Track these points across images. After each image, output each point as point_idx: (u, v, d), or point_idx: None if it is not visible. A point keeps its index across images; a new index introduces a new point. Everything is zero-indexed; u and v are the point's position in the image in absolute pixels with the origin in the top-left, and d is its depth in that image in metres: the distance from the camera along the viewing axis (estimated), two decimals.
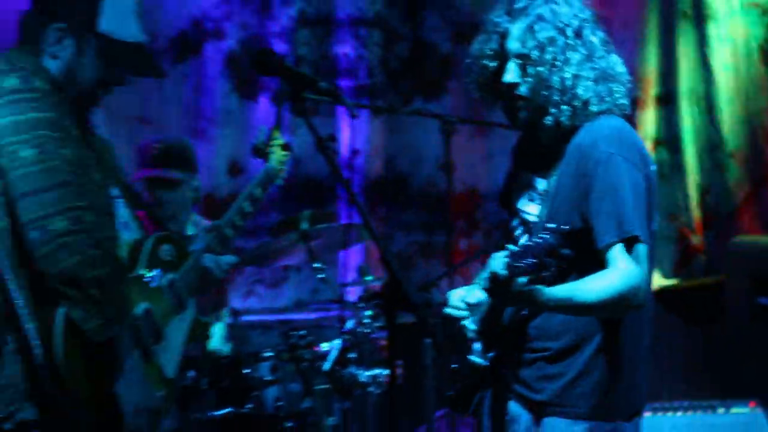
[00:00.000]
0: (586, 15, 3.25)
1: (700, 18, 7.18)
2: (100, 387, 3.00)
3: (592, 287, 3.06)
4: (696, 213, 7.23)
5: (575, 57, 3.17)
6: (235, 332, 4.85)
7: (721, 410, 5.71)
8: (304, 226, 5.22)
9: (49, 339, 2.89)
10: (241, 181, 6.83)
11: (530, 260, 2.83)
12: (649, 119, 7.25)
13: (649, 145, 7.22)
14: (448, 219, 6.04)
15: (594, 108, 3.19)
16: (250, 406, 4.75)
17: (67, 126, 3.03)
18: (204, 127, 6.75)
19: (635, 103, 7.14)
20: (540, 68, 3.16)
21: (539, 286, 2.97)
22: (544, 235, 2.85)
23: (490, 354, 3.27)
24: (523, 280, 2.91)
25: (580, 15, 3.22)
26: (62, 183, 2.87)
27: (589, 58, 3.19)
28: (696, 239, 7.22)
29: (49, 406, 2.98)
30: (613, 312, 3.15)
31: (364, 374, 5.18)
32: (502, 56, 3.24)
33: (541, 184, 3.30)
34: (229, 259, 3.46)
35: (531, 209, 3.29)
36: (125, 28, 3.14)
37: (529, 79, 3.19)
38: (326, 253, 5.45)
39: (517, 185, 3.40)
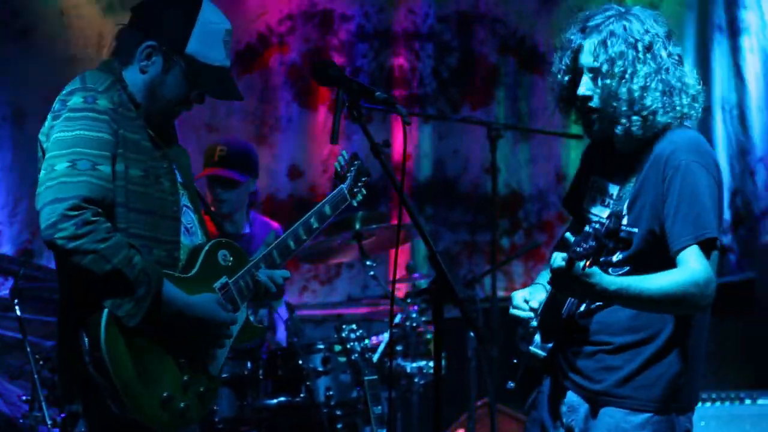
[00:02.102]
0: (657, 30, 3.15)
1: (733, 31, 7.14)
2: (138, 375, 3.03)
3: (657, 280, 2.96)
4: (726, 214, 7.19)
5: (644, 70, 3.08)
6: (290, 326, 4.78)
7: (748, 401, 5.59)
8: (357, 225, 5.13)
9: (96, 329, 2.96)
10: (300, 184, 6.81)
11: (590, 243, 2.75)
12: None
13: None
14: (492, 219, 5.95)
15: (661, 118, 3.11)
16: (302, 395, 4.70)
17: (133, 140, 3.11)
18: (267, 134, 6.75)
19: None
20: (609, 81, 3.09)
21: (599, 272, 2.87)
22: (603, 220, 2.77)
23: (549, 345, 3.14)
24: (582, 263, 2.81)
25: (652, 31, 3.13)
26: (75, 196, 2.92)
27: (657, 71, 3.10)
28: (726, 239, 7.17)
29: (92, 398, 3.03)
30: (676, 307, 3.04)
31: (411, 365, 5.13)
32: (576, 71, 3.17)
33: (614, 189, 3.21)
34: (282, 273, 3.35)
35: (604, 214, 3.15)
36: (212, 53, 3.16)
37: (599, 91, 3.12)
38: (377, 251, 5.37)
39: (589, 190, 3.30)
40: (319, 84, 3.21)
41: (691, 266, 2.97)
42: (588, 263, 2.79)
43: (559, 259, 2.85)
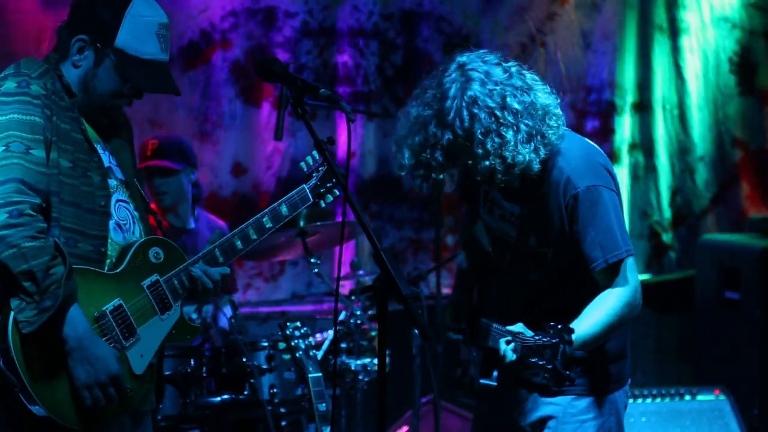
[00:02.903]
0: (497, 77, 3.16)
1: (674, 31, 7.24)
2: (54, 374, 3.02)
3: (596, 320, 3.15)
4: (667, 212, 7.28)
5: (509, 133, 3.12)
6: (234, 323, 4.76)
7: (687, 397, 5.68)
8: (302, 223, 5.14)
9: (5, 319, 2.97)
10: (244, 181, 6.78)
11: (541, 361, 2.98)
12: (626, 124, 7.27)
13: (624, 149, 7.26)
14: (437, 217, 5.98)
15: (541, 156, 3.16)
16: (246, 392, 4.69)
17: (65, 130, 3.10)
18: (210, 130, 6.71)
19: (613, 109, 7.19)
20: (486, 162, 3.12)
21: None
22: (555, 339, 2.97)
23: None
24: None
25: (497, 88, 3.15)
26: (12, 180, 2.92)
27: (517, 127, 3.13)
28: (667, 237, 7.27)
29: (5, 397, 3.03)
30: (622, 327, 3.27)
31: (355, 362, 5.13)
32: (448, 167, 3.20)
33: (514, 208, 3.31)
34: (220, 269, 3.30)
35: (500, 225, 3.34)
36: (144, 46, 3.15)
37: (480, 170, 3.15)
38: (322, 248, 5.37)
39: (483, 197, 3.41)
40: (263, 80, 3.21)
41: (616, 290, 3.19)
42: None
43: (509, 352, 3.04)
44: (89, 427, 3.08)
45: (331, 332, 5.19)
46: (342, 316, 5.24)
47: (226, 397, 4.69)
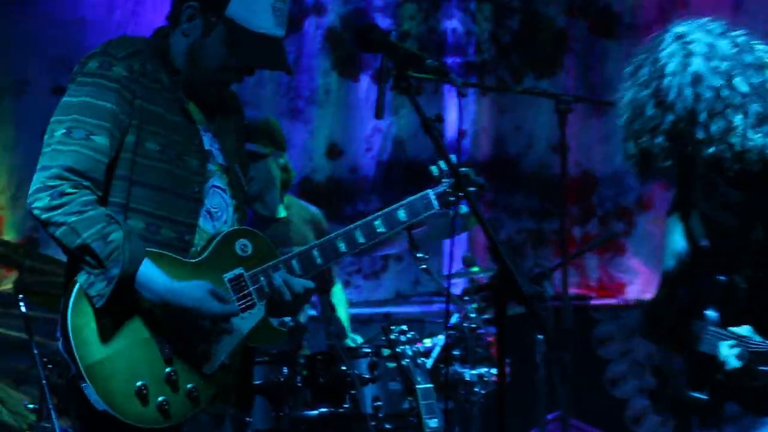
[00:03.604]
0: (727, 54, 3.12)
1: None
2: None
3: None
4: None
5: (736, 118, 3.08)
6: (331, 327, 4.79)
7: None
8: None
9: (65, 305, 3.14)
10: (340, 165, 6.81)
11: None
12: None
13: None
14: (561, 205, 5.91)
15: None
16: (346, 405, 4.69)
17: (155, 112, 3.24)
18: (302, 107, 6.77)
19: None
20: (710, 149, 3.09)
21: None
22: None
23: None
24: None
25: (723, 65, 3.11)
26: (56, 166, 3.11)
27: (745, 109, 3.09)
28: None
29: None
30: None
31: (470, 372, 5.10)
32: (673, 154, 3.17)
33: (734, 193, 3.25)
34: (304, 283, 3.31)
35: (720, 215, 3.29)
36: (255, 18, 3.24)
37: (704, 158, 3.13)
38: (430, 241, 5.35)
39: (700, 180, 3.33)
40: (361, 50, 3.21)
41: None
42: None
43: (733, 358, 3.03)
44: (158, 425, 3.15)
45: (441, 337, 5.17)
46: (454, 319, 5.21)
47: (323, 410, 4.69)
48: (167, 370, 3.17)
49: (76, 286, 3.11)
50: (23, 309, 4.64)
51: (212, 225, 3.32)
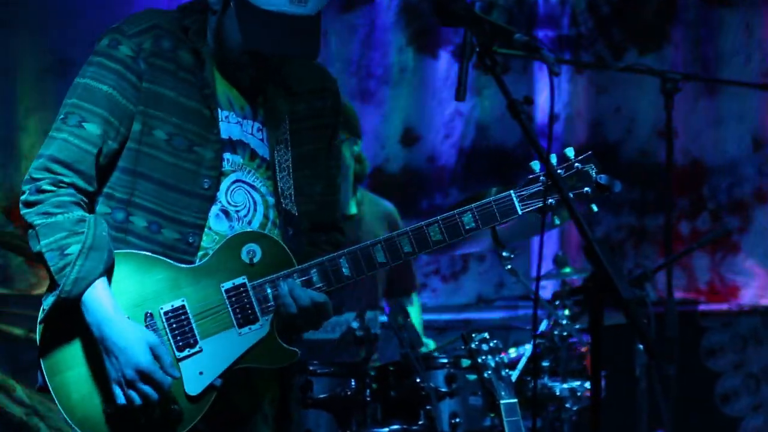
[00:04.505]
0: None
1: None
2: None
3: None
4: None
5: None
6: (405, 334, 4.80)
7: None
8: None
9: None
10: (417, 153, 6.82)
11: None
12: None
13: None
14: (667, 197, 5.87)
15: None
16: (421, 422, 4.70)
17: (167, 96, 3.24)
18: (373, 88, 6.80)
19: None
20: None
21: None
22: None
23: None
24: None
25: None
26: (43, 156, 3.18)
27: None
28: None
29: None
30: None
31: (561, 386, 5.10)
32: None
33: None
34: (313, 295, 3.24)
35: None
36: None
37: None
38: (516, 238, 5.34)
39: None
40: (441, 24, 3.20)
41: None
42: None
43: None
44: None
45: (528, 347, 5.17)
46: (543, 326, 5.21)
47: (395, 427, 4.71)
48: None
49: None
50: None
51: (229, 226, 3.29)
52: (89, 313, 3.12)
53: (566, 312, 5.25)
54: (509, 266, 5.08)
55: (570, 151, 3.32)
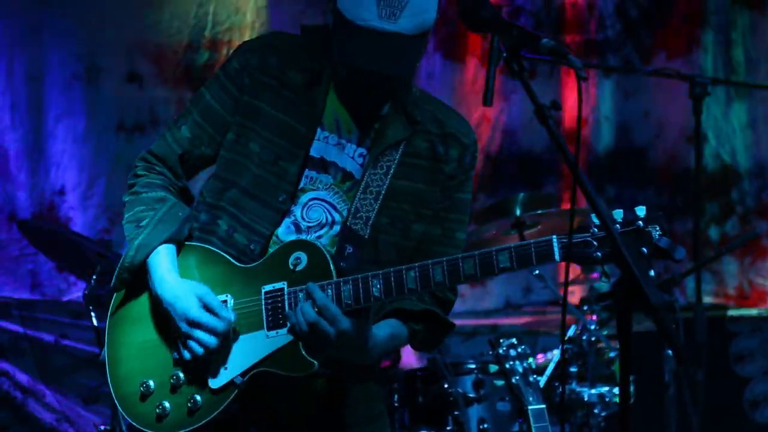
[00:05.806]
0: None
1: None
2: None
3: None
4: None
5: None
6: None
7: None
8: (518, 211, 5.16)
9: None
10: None
11: None
12: None
13: None
14: (696, 202, 5.87)
15: None
16: (449, 428, 4.73)
17: (264, 111, 3.33)
18: None
19: None
20: None
21: None
22: None
23: None
24: None
25: None
26: (148, 149, 3.45)
27: None
28: None
29: None
30: None
31: (589, 392, 5.10)
32: None
33: None
34: (335, 313, 3.16)
35: None
36: (357, 9, 3.17)
37: None
38: None
39: None
40: (469, 29, 3.20)
41: None
42: None
43: None
44: (149, 429, 3.27)
45: (557, 352, 5.17)
46: (571, 332, 5.22)
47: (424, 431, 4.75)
48: (173, 374, 3.28)
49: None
50: (95, 322, 4.72)
51: (296, 238, 3.33)
52: (150, 279, 3.28)
53: (594, 317, 5.26)
54: (537, 271, 5.09)
55: (641, 210, 3.21)
